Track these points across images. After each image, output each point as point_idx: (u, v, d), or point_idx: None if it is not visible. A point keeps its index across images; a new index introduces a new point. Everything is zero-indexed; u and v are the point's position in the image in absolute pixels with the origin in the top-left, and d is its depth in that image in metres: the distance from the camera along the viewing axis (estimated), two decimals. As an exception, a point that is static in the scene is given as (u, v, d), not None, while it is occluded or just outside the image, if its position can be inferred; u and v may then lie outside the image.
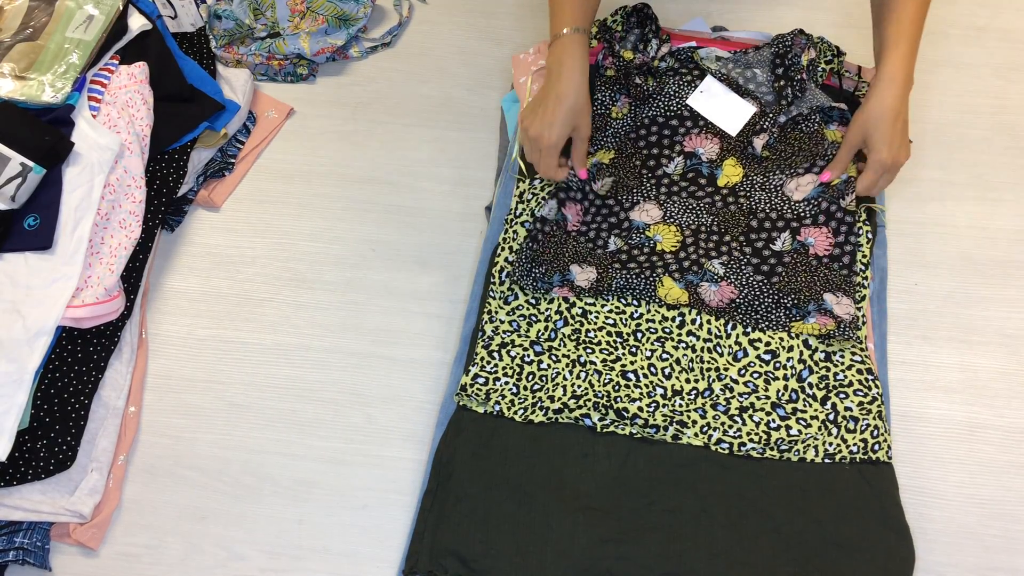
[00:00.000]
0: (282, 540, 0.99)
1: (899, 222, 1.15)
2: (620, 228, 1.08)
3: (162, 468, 1.03)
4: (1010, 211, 1.16)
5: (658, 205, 1.08)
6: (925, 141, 1.21)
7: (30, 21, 1.15)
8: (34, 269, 1.02)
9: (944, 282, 1.11)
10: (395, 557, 0.97)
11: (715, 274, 1.02)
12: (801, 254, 1.04)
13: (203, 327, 1.11)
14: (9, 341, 0.97)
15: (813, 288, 1.01)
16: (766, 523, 0.92)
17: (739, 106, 1.11)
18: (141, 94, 1.13)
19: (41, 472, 0.95)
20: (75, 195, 1.05)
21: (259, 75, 1.29)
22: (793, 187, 1.07)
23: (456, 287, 1.13)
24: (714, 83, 1.12)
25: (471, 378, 1.00)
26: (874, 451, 0.95)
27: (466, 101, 1.27)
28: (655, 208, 1.07)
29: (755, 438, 0.96)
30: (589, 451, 0.96)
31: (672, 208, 1.07)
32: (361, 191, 1.20)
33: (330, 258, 1.16)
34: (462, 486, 0.95)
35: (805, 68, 1.11)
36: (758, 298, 1.01)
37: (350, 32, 1.29)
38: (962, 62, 1.28)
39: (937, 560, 0.95)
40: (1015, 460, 1.00)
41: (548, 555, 0.91)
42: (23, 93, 1.09)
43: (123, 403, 1.04)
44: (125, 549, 0.99)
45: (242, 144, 1.23)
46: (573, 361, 1.01)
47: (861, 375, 0.99)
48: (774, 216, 1.06)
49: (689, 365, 1.00)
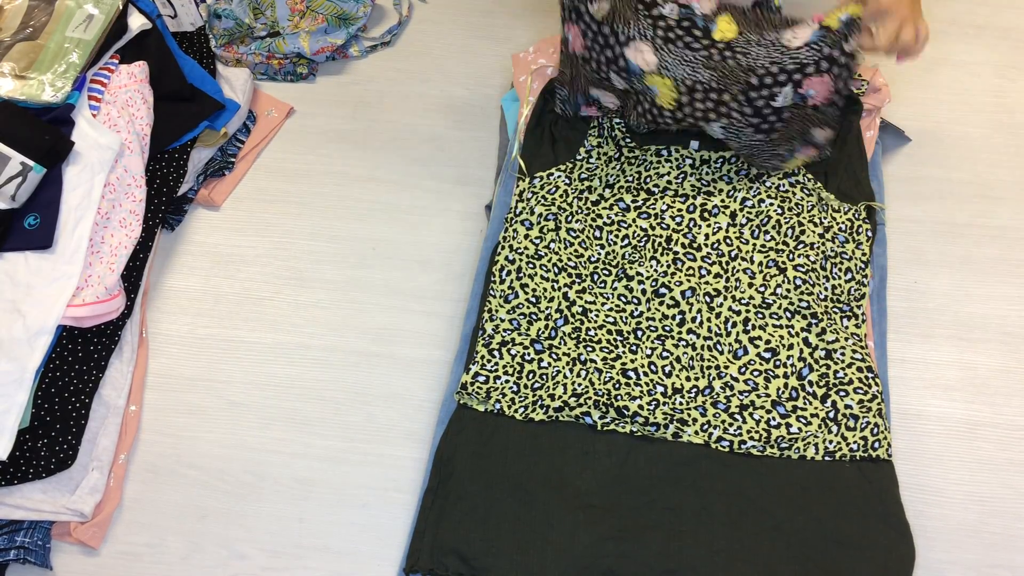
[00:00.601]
0: (283, 538, 0.99)
1: (899, 220, 1.15)
2: (617, 65, 1.06)
3: (163, 467, 1.03)
4: (1009, 209, 1.16)
5: (653, 49, 1.04)
6: (924, 139, 1.21)
7: (30, 20, 1.15)
8: (34, 268, 1.02)
9: (944, 280, 1.11)
10: (396, 555, 0.97)
11: (713, 135, 1.04)
12: (800, 107, 1.03)
13: (203, 326, 1.11)
14: (9, 340, 0.97)
15: (806, 130, 1.03)
16: (766, 521, 0.92)
17: None
18: (141, 93, 1.13)
19: (42, 471, 0.95)
20: (75, 194, 1.06)
21: (259, 74, 1.29)
22: (791, 36, 1.01)
23: (456, 286, 1.13)
24: None
25: (472, 376, 1.00)
26: (874, 449, 0.95)
27: (466, 100, 1.27)
28: (650, 52, 1.04)
29: (755, 436, 0.96)
30: (590, 449, 0.97)
31: (667, 57, 1.04)
32: (361, 190, 1.20)
33: (330, 257, 1.16)
34: (463, 484, 0.95)
35: None
36: (755, 151, 1.03)
37: (350, 31, 1.29)
38: (962, 60, 1.28)
39: (937, 557, 0.95)
40: (1015, 457, 1.00)
41: (549, 553, 0.91)
42: (23, 92, 1.09)
43: (124, 402, 1.04)
44: (126, 548, 0.99)
45: (242, 143, 1.23)
46: (573, 359, 1.01)
47: (861, 373, 0.99)
48: (775, 70, 1.01)
49: (689, 363, 1.00)
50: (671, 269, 1.05)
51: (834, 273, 1.06)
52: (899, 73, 1.26)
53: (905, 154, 1.20)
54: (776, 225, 1.07)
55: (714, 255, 1.06)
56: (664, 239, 1.07)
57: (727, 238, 1.07)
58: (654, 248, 1.07)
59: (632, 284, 1.05)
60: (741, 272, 1.05)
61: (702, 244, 1.07)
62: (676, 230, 1.08)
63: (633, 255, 1.07)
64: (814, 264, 1.05)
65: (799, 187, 1.09)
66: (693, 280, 1.04)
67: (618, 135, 1.13)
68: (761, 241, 1.06)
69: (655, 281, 1.05)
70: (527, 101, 1.17)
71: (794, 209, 1.08)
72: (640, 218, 1.09)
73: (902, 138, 1.20)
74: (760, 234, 1.07)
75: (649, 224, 1.08)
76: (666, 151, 1.12)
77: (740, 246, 1.06)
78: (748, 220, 1.08)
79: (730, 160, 1.11)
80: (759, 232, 1.07)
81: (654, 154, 1.12)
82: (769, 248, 1.06)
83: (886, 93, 1.15)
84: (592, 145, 1.14)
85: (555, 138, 1.15)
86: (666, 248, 1.07)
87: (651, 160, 1.12)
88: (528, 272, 1.06)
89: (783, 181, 1.09)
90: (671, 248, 1.07)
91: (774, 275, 1.04)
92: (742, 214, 1.08)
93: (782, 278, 1.04)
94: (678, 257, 1.06)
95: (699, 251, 1.06)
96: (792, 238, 1.06)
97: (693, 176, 1.11)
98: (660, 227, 1.08)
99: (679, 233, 1.07)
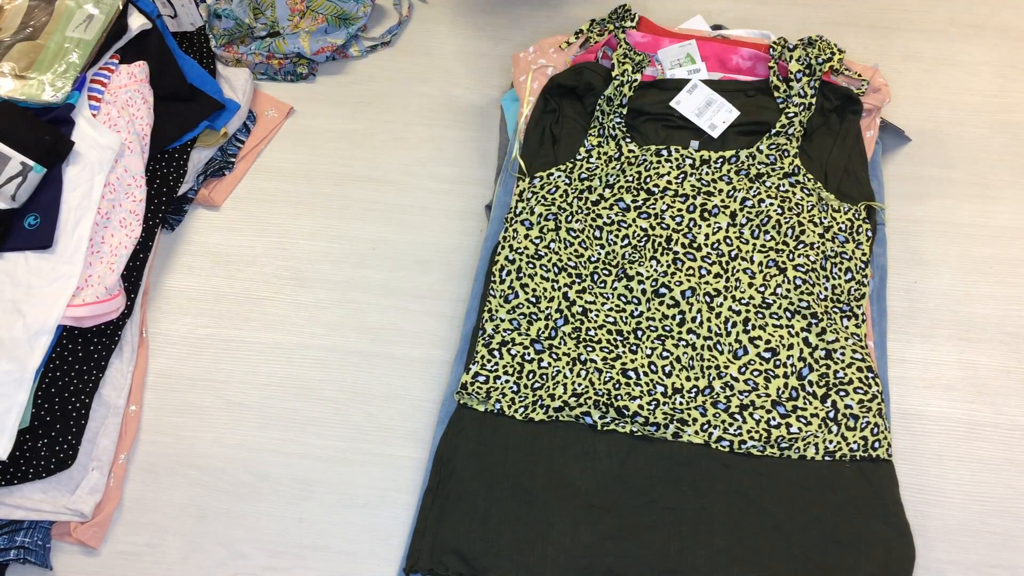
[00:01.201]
0: (283, 538, 0.99)
1: (899, 220, 1.15)
2: None
3: (163, 467, 1.03)
4: (1009, 209, 1.16)
5: None
6: (924, 139, 1.21)
7: (30, 20, 1.15)
8: (34, 268, 1.02)
9: (944, 280, 1.11)
10: (396, 555, 0.97)
11: None
12: None
13: (203, 326, 1.11)
14: (10, 340, 0.97)
15: None
16: (766, 521, 0.92)
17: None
18: (141, 93, 1.13)
19: (42, 471, 0.95)
20: (75, 194, 1.06)
21: (259, 74, 1.29)
22: None
23: (456, 286, 1.13)
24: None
25: (472, 376, 1.00)
26: (874, 449, 0.95)
27: (466, 100, 1.27)
28: None
29: (755, 436, 0.96)
30: (590, 449, 0.97)
31: None
32: (361, 190, 1.20)
33: (330, 257, 1.16)
34: (463, 484, 0.95)
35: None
36: None
37: (350, 31, 1.29)
38: (961, 60, 1.28)
39: (937, 557, 0.95)
40: (1015, 458, 1.00)
41: (549, 553, 0.91)
42: (23, 92, 1.09)
43: (124, 402, 1.04)
44: (126, 548, 0.99)
45: (242, 143, 1.23)
46: (574, 359, 1.01)
47: (861, 373, 0.99)
48: None
49: (689, 363, 1.00)
50: (671, 269, 1.05)
51: (834, 273, 1.06)
52: (899, 73, 1.26)
53: (905, 154, 1.20)
54: (776, 225, 1.07)
55: (714, 255, 1.06)
56: (664, 239, 1.07)
57: (727, 238, 1.07)
58: (654, 248, 1.07)
59: (632, 284, 1.05)
60: (741, 272, 1.05)
61: (702, 244, 1.07)
62: (676, 230, 1.08)
63: (633, 255, 1.07)
64: (814, 264, 1.05)
65: (799, 187, 1.09)
66: (693, 280, 1.04)
67: (618, 135, 1.13)
68: (761, 241, 1.06)
69: (655, 281, 1.05)
70: (527, 101, 1.17)
71: (794, 209, 1.08)
72: (640, 218, 1.09)
73: (902, 138, 1.20)
74: (760, 234, 1.07)
75: (649, 224, 1.08)
76: (666, 151, 1.12)
77: (740, 246, 1.06)
78: (748, 220, 1.08)
79: (730, 160, 1.11)
80: (759, 232, 1.07)
81: (654, 154, 1.13)
82: (769, 248, 1.06)
83: (886, 93, 1.15)
84: (592, 144, 1.14)
85: (555, 138, 1.15)
86: (666, 248, 1.07)
87: (651, 160, 1.12)
88: (528, 272, 1.06)
89: (783, 181, 1.10)
90: (671, 248, 1.07)
91: (774, 275, 1.04)
92: (742, 214, 1.08)
93: (782, 278, 1.04)
94: (678, 257, 1.06)
95: (699, 251, 1.06)
96: (792, 238, 1.06)
97: (693, 176, 1.11)
98: (660, 227, 1.08)
99: (679, 233, 1.07)
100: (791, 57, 1.14)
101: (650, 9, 1.32)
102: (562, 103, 1.16)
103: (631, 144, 1.13)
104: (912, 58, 1.27)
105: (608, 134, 1.14)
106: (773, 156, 1.10)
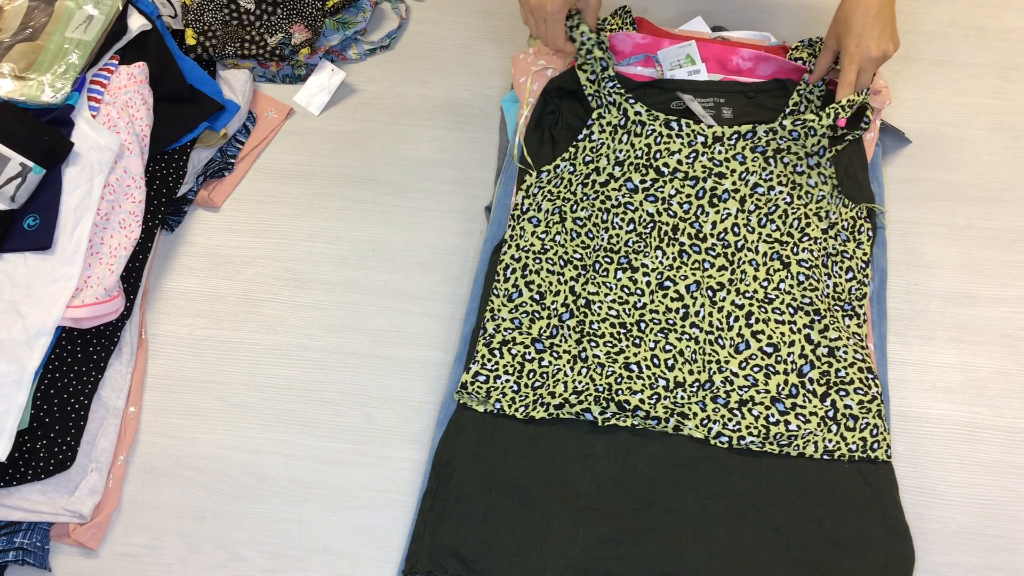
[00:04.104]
0: (282, 540, 0.99)
1: (899, 222, 1.15)
2: None
3: (162, 468, 1.03)
4: (1010, 211, 1.15)
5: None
6: (925, 141, 1.21)
7: (30, 21, 1.15)
8: (34, 269, 1.02)
9: (944, 282, 1.11)
10: (395, 557, 0.97)
11: None
12: None
13: (202, 327, 1.11)
14: (9, 341, 0.97)
15: None
16: (766, 523, 0.92)
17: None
18: (141, 94, 1.13)
19: (41, 472, 0.95)
20: (75, 195, 1.06)
21: (257, 76, 1.29)
22: None
23: (456, 287, 1.13)
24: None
25: (472, 376, 1.00)
26: (873, 450, 0.95)
27: (466, 101, 1.27)
28: None
29: (754, 432, 0.96)
30: (589, 451, 0.96)
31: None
32: (361, 191, 1.20)
33: (330, 258, 1.16)
34: (462, 486, 0.95)
35: None
36: None
37: (346, 33, 1.29)
38: (962, 62, 1.28)
39: (937, 560, 0.95)
40: (1015, 460, 1.00)
41: (548, 555, 0.91)
42: (23, 93, 1.09)
43: (123, 403, 1.04)
44: (125, 549, 0.99)
45: (242, 144, 1.23)
46: (574, 356, 1.01)
47: (862, 373, 0.99)
48: None
49: (692, 357, 1.00)
50: (676, 263, 1.05)
51: (835, 271, 1.05)
52: (899, 75, 1.26)
53: (905, 156, 1.20)
54: (783, 215, 1.06)
55: (719, 246, 1.05)
56: (671, 228, 1.06)
57: (735, 226, 1.05)
58: (660, 237, 1.06)
59: (636, 276, 1.04)
60: (747, 264, 1.04)
61: (708, 234, 1.05)
62: (683, 219, 1.06)
63: (638, 244, 1.06)
64: (817, 260, 1.05)
65: (816, 171, 1.07)
66: (698, 274, 1.04)
67: (617, 98, 1.10)
68: (767, 230, 1.05)
69: (660, 274, 1.04)
70: (527, 102, 1.16)
71: (803, 199, 1.06)
72: (647, 201, 1.07)
73: (902, 140, 1.20)
74: (767, 223, 1.05)
75: (656, 209, 1.07)
76: (676, 124, 1.10)
77: (747, 235, 1.05)
78: (756, 207, 1.06)
79: (746, 135, 1.08)
80: (766, 221, 1.06)
81: (664, 124, 1.10)
82: (774, 239, 1.05)
83: (886, 95, 1.15)
84: (592, 119, 1.12)
85: (555, 139, 1.15)
86: (672, 238, 1.06)
87: (661, 131, 1.10)
88: (534, 268, 1.06)
89: (801, 162, 1.08)
90: (677, 239, 1.05)
91: (778, 269, 1.04)
92: (751, 200, 1.06)
93: (785, 273, 1.04)
94: (684, 249, 1.05)
95: (704, 242, 1.05)
96: (797, 229, 1.05)
97: (705, 155, 1.08)
98: (667, 214, 1.06)
99: (686, 222, 1.06)
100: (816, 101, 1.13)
101: (650, 11, 1.32)
102: (562, 105, 1.16)
103: (636, 105, 1.10)
104: (912, 60, 1.27)
105: (606, 101, 1.12)
106: (797, 132, 1.07)
